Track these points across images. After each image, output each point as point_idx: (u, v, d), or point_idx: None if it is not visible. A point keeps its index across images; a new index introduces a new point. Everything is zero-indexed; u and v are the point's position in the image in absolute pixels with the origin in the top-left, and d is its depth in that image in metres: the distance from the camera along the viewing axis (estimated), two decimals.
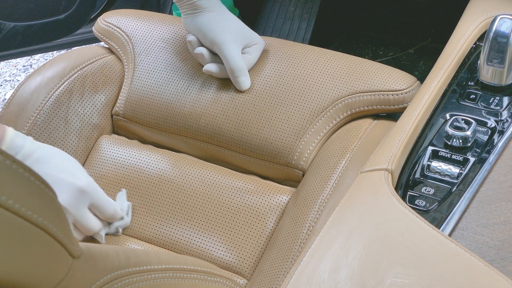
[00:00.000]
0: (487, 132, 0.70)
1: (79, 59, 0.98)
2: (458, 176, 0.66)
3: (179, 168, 0.88)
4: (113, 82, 0.99)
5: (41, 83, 0.94)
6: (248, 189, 0.84)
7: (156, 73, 0.96)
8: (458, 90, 0.76)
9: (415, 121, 0.72)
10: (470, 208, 0.63)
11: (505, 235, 0.59)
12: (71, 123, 0.93)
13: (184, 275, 0.56)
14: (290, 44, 0.95)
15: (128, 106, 0.96)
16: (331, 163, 0.80)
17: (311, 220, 0.75)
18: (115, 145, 0.94)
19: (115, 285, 0.45)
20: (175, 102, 0.93)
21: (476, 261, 0.55)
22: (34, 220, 0.34)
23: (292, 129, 0.86)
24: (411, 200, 0.66)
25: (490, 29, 0.73)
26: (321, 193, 0.77)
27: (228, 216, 0.82)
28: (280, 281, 0.71)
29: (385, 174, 0.66)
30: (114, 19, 1.04)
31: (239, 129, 0.88)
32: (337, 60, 0.90)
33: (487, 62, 0.74)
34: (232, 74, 0.89)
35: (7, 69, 2.08)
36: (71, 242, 0.39)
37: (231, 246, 0.80)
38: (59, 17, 1.24)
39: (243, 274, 0.79)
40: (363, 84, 0.87)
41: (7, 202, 0.32)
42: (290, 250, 0.74)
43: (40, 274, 0.35)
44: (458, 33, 0.84)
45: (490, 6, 0.86)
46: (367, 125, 0.85)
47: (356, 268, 0.56)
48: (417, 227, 0.59)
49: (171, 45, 0.98)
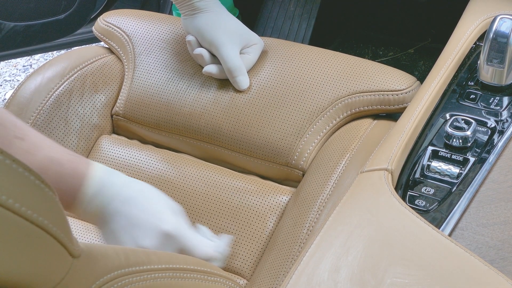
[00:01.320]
0: (487, 132, 0.70)
1: (79, 59, 0.98)
2: (458, 176, 0.66)
3: (179, 168, 0.88)
4: (113, 82, 0.99)
5: (41, 83, 0.94)
6: (248, 189, 0.84)
7: (156, 73, 0.96)
8: (458, 90, 0.76)
9: (415, 121, 0.72)
10: (470, 208, 0.63)
11: (505, 235, 0.59)
12: (71, 123, 0.93)
13: (184, 275, 0.56)
14: (290, 44, 0.95)
15: (128, 106, 0.96)
16: (331, 163, 0.80)
17: (311, 220, 0.75)
18: (115, 145, 0.94)
19: (115, 285, 0.45)
20: (175, 102, 0.93)
21: (476, 261, 0.55)
22: (34, 220, 0.34)
23: (292, 129, 0.86)
24: (411, 200, 0.66)
25: (490, 29, 0.73)
26: (321, 193, 0.77)
27: (228, 216, 0.82)
28: (280, 281, 0.71)
29: (385, 174, 0.66)
30: (114, 19, 1.04)
31: (239, 129, 0.88)
32: (337, 60, 0.90)
33: (487, 62, 0.74)
34: (230, 74, 0.89)
35: (7, 69, 2.08)
36: (71, 241, 0.39)
37: (231, 246, 0.80)
38: (59, 17, 1.24)
39: (243, 274, 0.79)
40: (363, 84, 0.87)
41: (7, 201, 0.32)
42: (290, 250, 0.74)
43: (40, 273, 0.35)
44: (458, 33, 0.84)
45: (490, 6, 0.86)
46: (367, 125, 0.85)
47: (356, 268, 0.56)
48: (417, 227, 0.59)
49: (171, 45, 0.98)
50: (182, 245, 0.70)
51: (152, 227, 0.68)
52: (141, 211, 0.69)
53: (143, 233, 0.68)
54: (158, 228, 0.68)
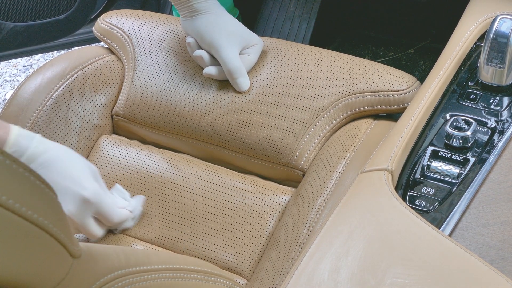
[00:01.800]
0: (487, 132, 0.70)
1: (79, 59, 0.98)
2: (458, 176, 0.66)
3: (179, 168, 0.88)
4: (113, 82, 0.99)
5: (41, 83, 0.94)
6: (248, 189, 0.84)
7: (156, 73, 0.96)
8: (458, 90, 0.76)
9: (415, 121, 0.72)
10: (470, 208, 0.63)
11: (505, 235, 0.59)
12: (71, 123, 0.93)
13: (184, 275, 0.56)
14: (290, 44, 0.95)
15: (128, 106, 0.96)
16: (331, 163, 0.80)
17: (311, 220, 0.75)
18: (115, 145, 0.94)
19: (115, 285, 0.45)
20: (175, 102, 0.93)
21: (476, 261, 0.55)
22: (34, 220, 0.34)
23: (292, 129, 0.86)
24: (411, 200, 0.66)
25: (490, 29, 0.73)
26: (321, 193, 0.77)
27: (228, 216, 0.82)
28: (280, 281, 0.71)
29: (385, 174, 0.66)
30: (114, 19, 1.04)
31: (239, 129, 0.88)
32: (337, 60, 0.90)
33: (487, 62, 0.74)
34: (230, 75, 0.89)
35: (7, 69, 2.08)
36: (71, 242, 0.39)
37: (231, 246, 0.80)
38: (59, 17, 1.24)
39: (243, 274, 0.79)
40: (363, 84, 0.87)
41: (7, 202, 0.32)
42: (290, 250, 0.74)
43: (40, 274, 0.35)
44: (458, 33, 0.84)
45: (490, 6, 0.86)
46: (367, 125, 0.85)
47: (356, 268, 0.56)
48: (417, 227, 0.59)
49: (172, 45, 0.98)
50: (99, 209, 0.76)
51: (71, 192, 0.73)
52: (61, 176, 0.72)
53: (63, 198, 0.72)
54: (77, 194, 0.73)
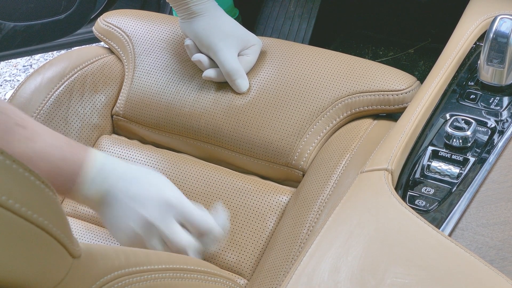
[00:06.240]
0: (487, 132, 0.70)
1: (79, 59, 0.98)
2: (458, 176, 0.66)
3: (179, 168, 0.88)
4: (113, 82, 0.99)
5: (41, 83, 0.94)
6: (248, 189, 0.84)
7: (156, 74, 0.96)
8: (458, 90, 0.76)
9: (415, 121, 0.72)
10: (470, 208, 0.63)
11: (505, 235, 0.59)
12: (71, 123, 0.93)
13: (184, 275, 0.56)
14: (290, 44, 0.95)
15: (128, 106, 0.96)
16: (331, 163, 0.80)
17: (311, 220, 0.75)
18: (115, 145, 0.94)
19: (115, 285, 0.45)
20: (175, 102, 0.93)
21: (476, 261, 0.55)
22: (34, 220, 0.34)
23: (292, 129, 0.86)
24: (411, 200, 0.66)
25: (490, 29, 0.73)
26: (321, 193, 0.77)
27: (228, 216, 0.82)
28: (280, 281, 0.71)
29: (385, 174, 0.66)
30: (114, 19, 1.04)
31: (239, 129, 0.88)
32: (337, 60, 0.90)
33: (487, 62, 0.74)
34: (228, 77, 0.89)
35: (7, 69, 2.08)
36: (71, 242, 0.39)
37: (231, 246, 0.80)
38: (59, 17, 1.24)
39: (243, 274, 0.79)
40: (363, 84, 0.87)
41: (7, 202, 0.32)
42: (290, 250, 0.74)
43: (40, 274, 0.35)
44: (458, 33, 0.84)
45: (490, 6, 0.86)
46: (367, 125, 0.85)
47: (356, 268, 0.56)
48: (417, 227, 0.59)
49: (171, 45, 0.98)
50: (183, 214, 0.70)
51: (152, 195, 0.69)
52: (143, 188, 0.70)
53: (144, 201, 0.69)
54: (159, 196, 0.70)
